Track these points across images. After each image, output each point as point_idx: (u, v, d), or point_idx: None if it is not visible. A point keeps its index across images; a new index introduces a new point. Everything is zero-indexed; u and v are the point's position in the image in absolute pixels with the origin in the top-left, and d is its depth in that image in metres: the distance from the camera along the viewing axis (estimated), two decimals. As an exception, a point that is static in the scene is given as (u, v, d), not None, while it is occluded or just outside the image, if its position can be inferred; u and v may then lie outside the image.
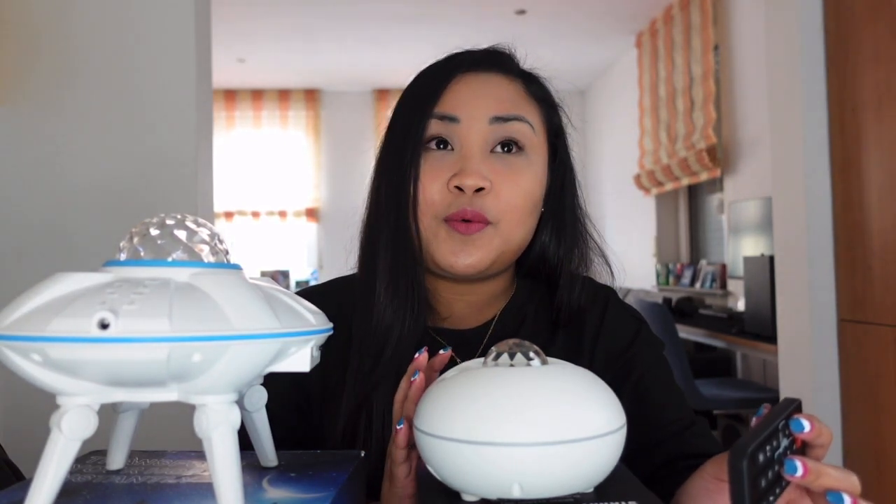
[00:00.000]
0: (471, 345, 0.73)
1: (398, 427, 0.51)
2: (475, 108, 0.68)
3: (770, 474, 0.40)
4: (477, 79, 0.70)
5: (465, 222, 0.66)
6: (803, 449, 0.46)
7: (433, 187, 0.67)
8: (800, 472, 0.42)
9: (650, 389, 0.71)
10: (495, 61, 0.73)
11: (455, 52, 0.75)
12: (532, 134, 0.70)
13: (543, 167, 0.72)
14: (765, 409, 0.46)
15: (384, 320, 0.67)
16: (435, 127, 0.68)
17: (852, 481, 0.43)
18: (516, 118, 0.69)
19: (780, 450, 0.42)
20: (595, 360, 0.74)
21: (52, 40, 1.80)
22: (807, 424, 0.44)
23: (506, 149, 0.69)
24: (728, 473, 0.37)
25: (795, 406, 0.45)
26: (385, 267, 0.68)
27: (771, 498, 0.40)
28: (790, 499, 0.45)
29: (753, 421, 0.45)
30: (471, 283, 0.72)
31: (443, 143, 0.69)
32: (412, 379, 0.52)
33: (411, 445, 0.51)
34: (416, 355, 0.54)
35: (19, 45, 1.80)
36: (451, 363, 0.72)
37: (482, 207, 0.66)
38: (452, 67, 0.71)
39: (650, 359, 0.74)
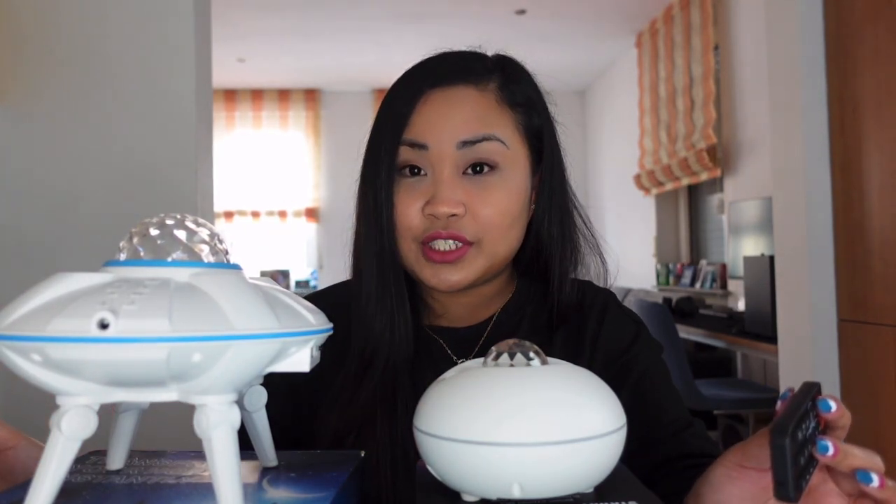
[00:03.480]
0: (468, 343, 0.74)
1: None
2: (442, 132, 0.67)
3: (806, 453, 0.41)
4: (444, 97, 0.69)
5: (442, 252, 0.67)
6: (825, 430, 0.46)
7: (409, 213, 0.68)
8: (831, 451, 0.43)
9: (648, 391, 0.72)
10: (465, 71, 0.70)
11: (428, 57, 0.73)
12: (504, 149, 0.68)
13: (523, 177, 0.71)
14: (789, 392, 0.46)
15: (374, 329, 0.68)
16: (405, 154, 0.68)
17: (876, 461, 0.44)
18: (486, 138, 0.67)
19: (810, 430, 0.43)
20: (594, 362, 0.74)
21: (51, 40, 1.80)
22: (833, 405, 0.45)
23: (478, 168, 0.68)
24: (771, 453, 0.38)
25: (817, 389, 0.46)
26: (371, 282, 0.69)
27: (807, 477, 0.41)
28: (813, 482, 0.46)
29: (779, 404, 0.46)
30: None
31: (415, 168, 0.68)
32: None
33: None
34: None
35: (19, 44, 1.80)
36: (449, 362, 0.72)
37: (459, 229, 0.66)
38: (420, 85, 0.69)
39: (648, 361, 0.74)
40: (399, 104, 0.70)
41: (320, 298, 0.80)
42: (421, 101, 0.68)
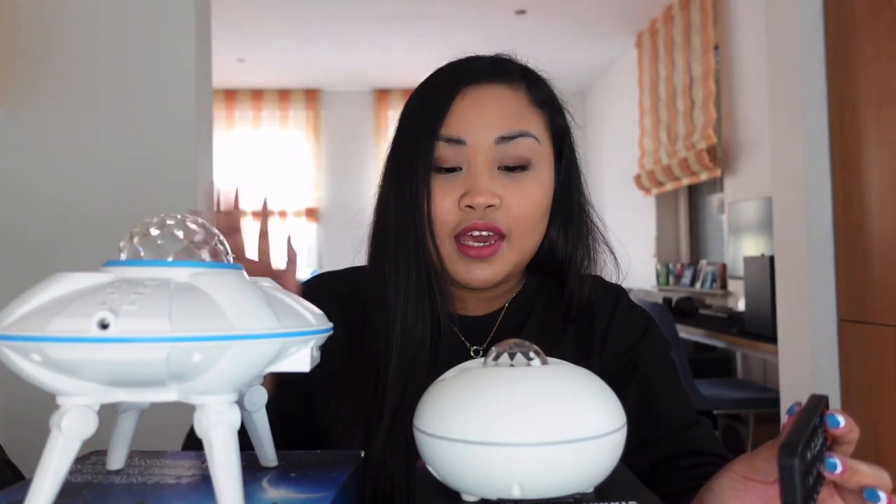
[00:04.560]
0: (481, 331, 0.75)
1: None
2: (481, 128, 0.69)
3: (814, 471, 0.41)
4: (481, 94, 0.70)
5: (477, 248, 0.68)
6: (832, 445, 0.46)
7: (444, 206, 0.69)
8: (839, 469, 0.42)
9: (656, 387, 0.72)
10: (498, 71, 0.72)
11: (458, 59, 0.75)
12: (537, 146, 0.71)
13: (550, 174, 0.73)
14: (796, 406, 0.46)
15: (407, 323, 0.68)
16: (442, 149, 0.69)
17: (884, 477, 0.44)
18: (521, 134, 0.69)
19: (818, 447, 0.42)
20: (604, 356, 0.75)
21: (52, 41, 1.80)
22: (842, 420, 0.44)
23: (513, 167, 0.70)
24: (779, 473, 0.37)
25: (825, 402, 0.45)
26: (402, 275, 0.69)
27: (815, 496, 0.40)
28: (820, 497, 0.45)
29: (786, 419, 0.45)
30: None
31: (450, 165, 0.69)
32: None
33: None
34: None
35: (20, 45, 1.80)
36: (462, 350, 0.73)
37: (494, 220, 0.68)
38: (456, 82, 0.71)
39: (657, 357, 0.75)
40: (435, 99, 0.71)
41: (331, 280, 0.82)
42: (458, 97, 0.70)
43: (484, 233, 0.68)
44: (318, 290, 0.80)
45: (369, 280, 0.73)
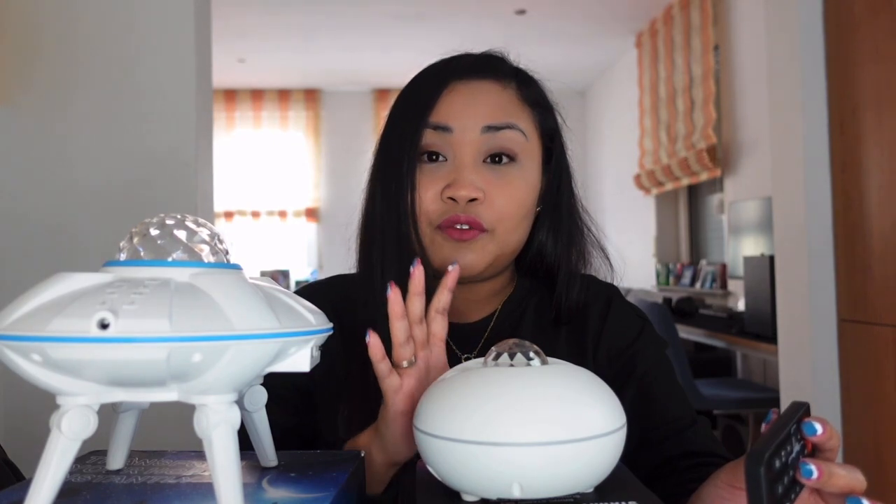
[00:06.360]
0: (472, 338, 0.74)
1: (367, 340, 0.54)
2: (468, 117, 0.69)
3: (786, 479, 0.41)
4: (470, 87, 0.71)
5: (460, 230, 0.67)
6: (813, 452, 0.46)
7: (427, 196, 0.68)
8: (815, 475, 0.42)
9: (653, 387, 0.72)
10: (488, 67, 0.73)
11: (448, 56, 0.75)
12: (524, 141, 0.70)
13: (536, 172, 0.73)
14: (773, 414, 0.46)
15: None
16: (429, 137, 0.69)
17: (858, 478, 0.44)
18: (508, 126, 0.69)
19: (794, 454, 0.42)
20: (598, 357, 0.74)
21: (52, 40, 1.80)
22: (819, 427, 0.45)
23: (497, 159, 0.70)
24: (745, 480, 0.37)
25: (805, 410, 0.45)
26: (392, 271, 0.68)
27: (787, 503, 0.40)
28: (804, 503, 0.46)
29: (763, 427, 0.46)
30: (470, 281, 0.73)
31: (436, 154, 0.70)
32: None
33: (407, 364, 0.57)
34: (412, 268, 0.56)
35: (20, 44, 1.80)
36: (454, 359, 0.72)
37: (476, 214, 0.68)
38: (446, 75, 0.71)
39: (653, 357, 0.74)
40: (424, 92, 0.71)
41: (322, 289, 0.81)
42: (447, 90, 0.70)
43: (465, 226, 0.68)
44: (311, 299, 0.80)
45: (359, 278, 0.72)
